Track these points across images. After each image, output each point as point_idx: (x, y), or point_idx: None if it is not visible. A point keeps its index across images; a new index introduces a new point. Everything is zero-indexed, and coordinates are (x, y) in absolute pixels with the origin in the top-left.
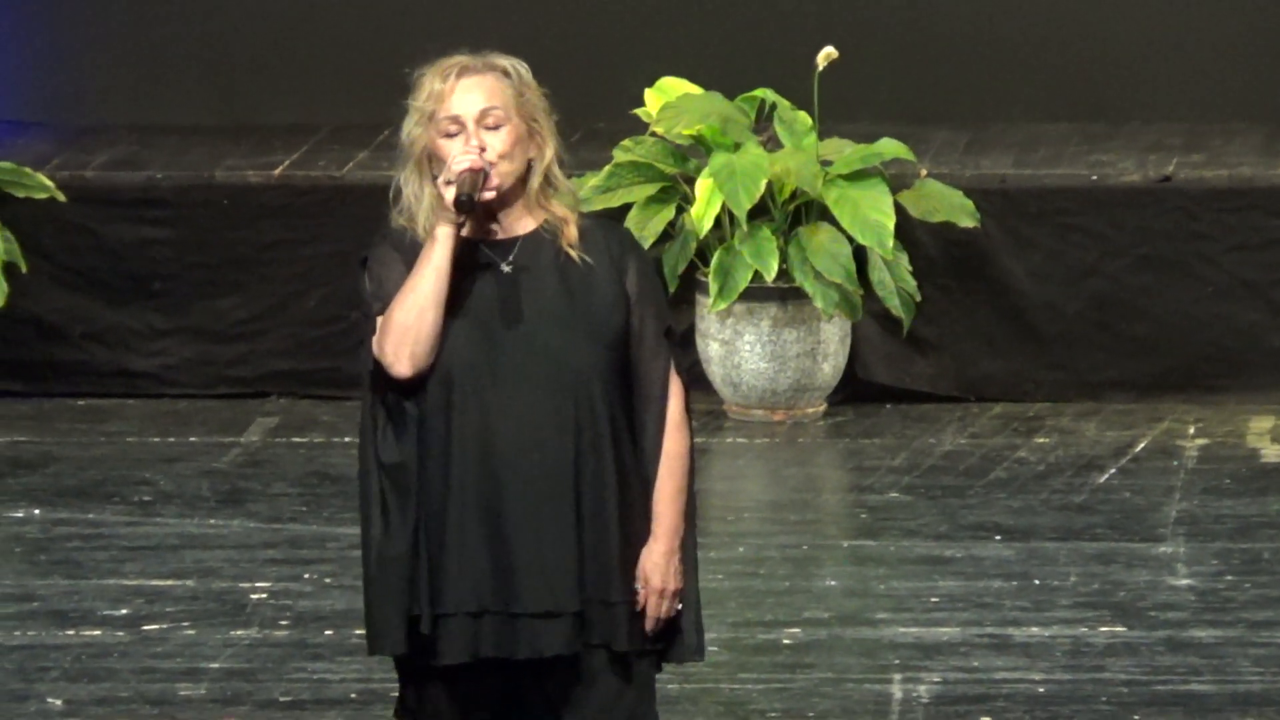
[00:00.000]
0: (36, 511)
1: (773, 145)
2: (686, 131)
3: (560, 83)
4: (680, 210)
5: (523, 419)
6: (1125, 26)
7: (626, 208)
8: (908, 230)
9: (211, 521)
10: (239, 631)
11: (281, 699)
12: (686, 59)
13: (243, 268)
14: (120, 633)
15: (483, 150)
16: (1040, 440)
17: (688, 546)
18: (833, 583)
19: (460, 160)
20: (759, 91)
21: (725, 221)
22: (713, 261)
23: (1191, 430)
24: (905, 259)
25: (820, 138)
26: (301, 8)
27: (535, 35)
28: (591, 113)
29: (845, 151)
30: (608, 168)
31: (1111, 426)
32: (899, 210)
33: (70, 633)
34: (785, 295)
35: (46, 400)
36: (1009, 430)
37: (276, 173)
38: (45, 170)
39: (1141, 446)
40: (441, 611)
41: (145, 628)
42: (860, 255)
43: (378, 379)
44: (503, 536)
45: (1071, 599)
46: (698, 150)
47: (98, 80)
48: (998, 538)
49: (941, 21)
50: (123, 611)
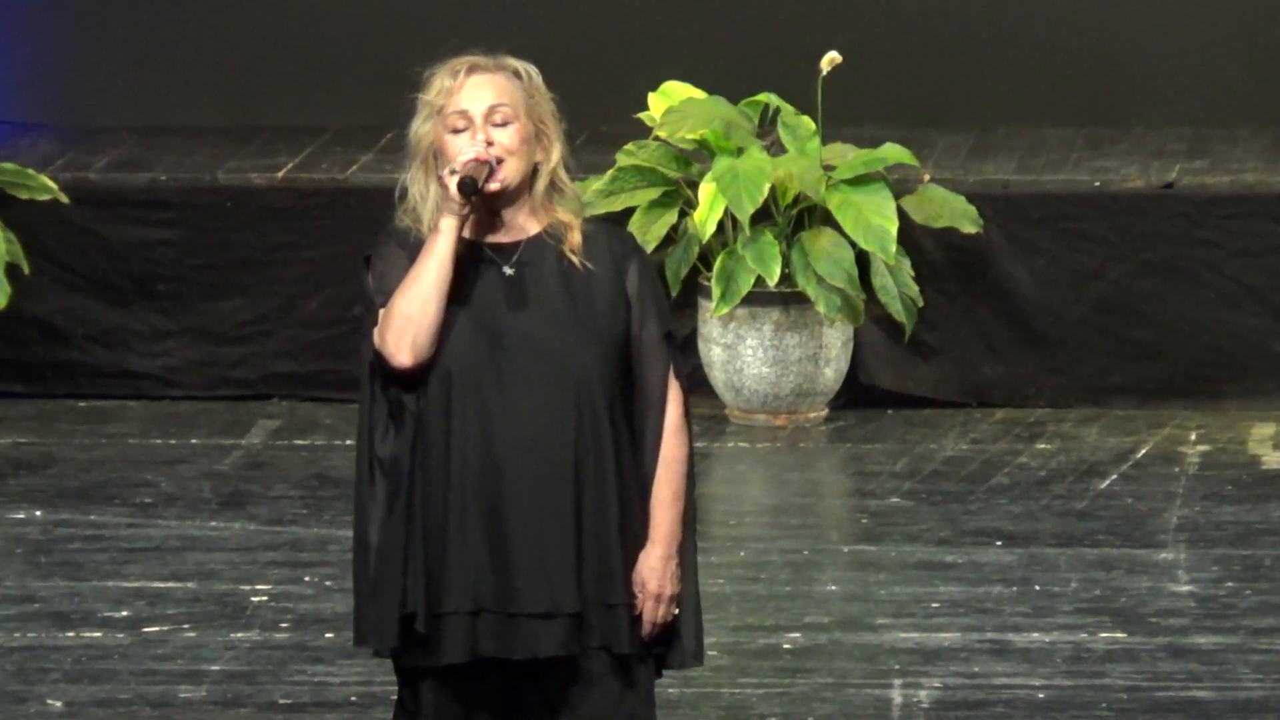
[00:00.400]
0: (38, 513)
1: (776, 150)
2: (690, 136)
3: (564, 86)
4: (683, 214)
5: (523, 421)
6: (1129, 32)
7: (629, 212)
8: (910, 235)
9: (213, 524)
10: (240, 634)
11: (282, 701)
12: (690, 63)
13: (246, 270)
14: (121, 634)
15: (490, 145)
16: (1042, 446)
17: (687, 551)
18: (833, 588)
19: (467, 151)
20: (762, 96)
21: (728, 226)
22: (715, 266)
23: (1193, 436)
24: (908, 264)
25: (823, 142)
26: (306, 10)
27: (539, 38)
28: (595, 116)
29: (848, 156)
30: (611, 171)
31: (1113, 432)
32: (902, 215)
33: (71, 634)
34: (788, 300)
35: (48, 401)
36: (1011, 436)
37: (280, 175)
38: (49, 172)
39: (1143, 452)
40: (440, 611)
41: (146, 630)
42: (863, 260)
43: (377, 371)
44: (502, 537)
45: (1072, 605)
46: (701, 154)
47: (101, 82)
48: (999, 543)
49: (945, 26)
50: (124, 613)
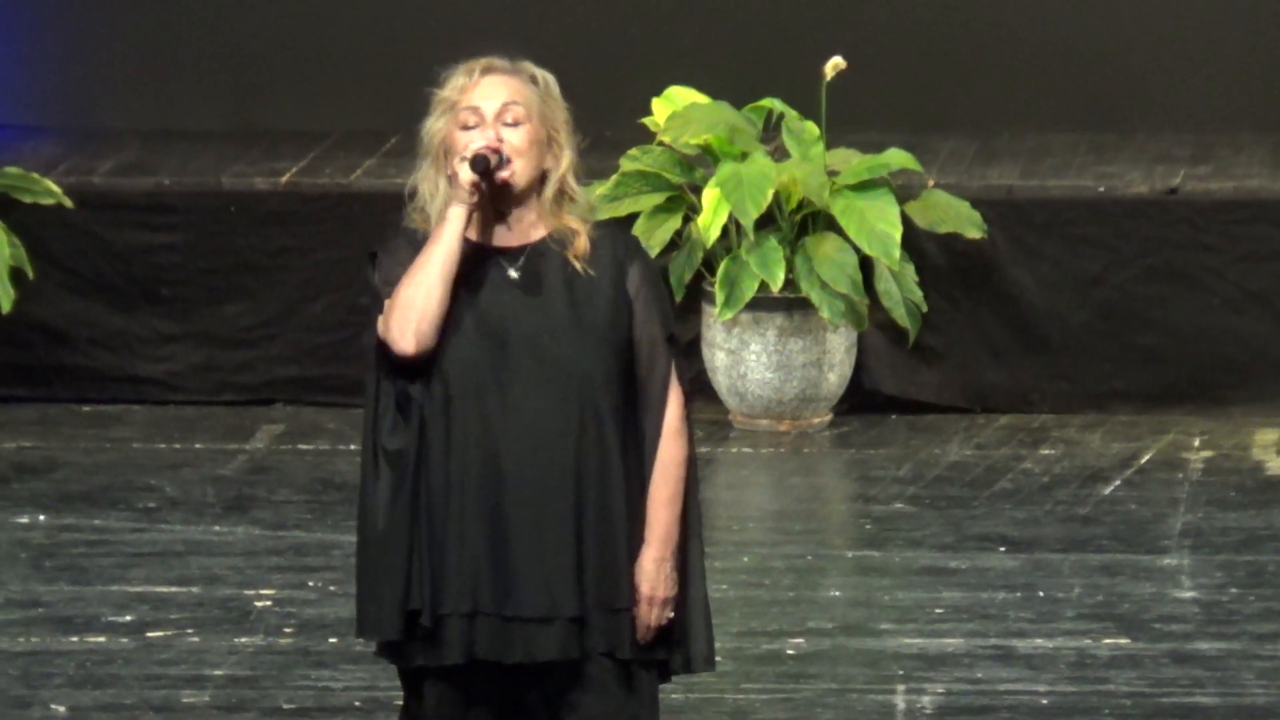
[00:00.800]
0: (42, 517)
1: (780, 155)
2: (694, 141)
3: (568, 91)
4: (687, 220)
5: (525, 424)
6: (1133, 37)
7: (633, 217)
8: (914, 240)
9: (217, 528)
10: (243, 639)
11: (285, 706)
12: (694, 68)
13: (250, 274)
14: (125, 639)
15: (500, 141)
16: (1045, 451)
17: (693, 555)
18: (837, 593)
19: (477, 140)
20: (766, 101)
21: (732, 231)
22: (719, 271)
23: (1197, 442)
24: (911, 269)
25: (827, 148)
26: (310, 14)
27: (544, 43)
28: (599, 121)
29: (852, 161)
30: (615, 177)
31: (1117, 438)
32: (906, 220)
33: (75, 639)
34: (791, 305)
35: (52, 405)
36: (1014, 441)
37: (284, 179)
38: (52, 176)
39: (1147, 458)
40: (439, 612)
41: (150, 634)
42: (866, 265)
43: (383, 362)
44: (502, 539)
45: (1076, 611)
46: (705, 160)
47: (105, 86)
48: (1002, 549)
49: (949, 32)
50: (127, 618)
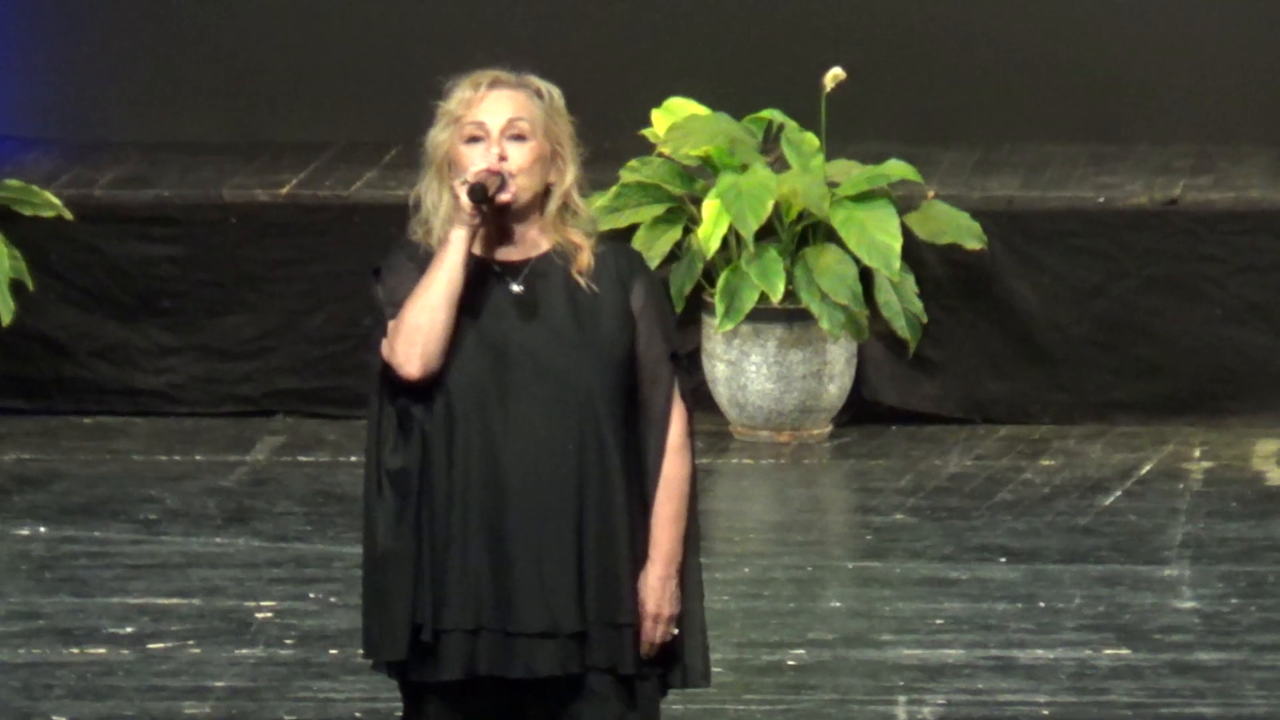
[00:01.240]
0: (42, 529)
1: (780, 166)
2: (694, 152)
3: (568, 103)
4: (687, 231)
5: (527, 439)
6: (1133, 49)
7: (633, 228)
8: (914, 252)
9: (217, 540)
10: (244, 650)
11: (286, 718)
12: (694, 79)
13: (250, 286)
14: (125, 651)
15: (503, 159)
16: (1046, 462)
17: (691, 570)
18: (837, 604)
19: (479, 162)
20: (766, 112)
21: (732, 242)
22: (719, 282)
23: (1197, 453)
24: (912, 280)
25: (827, 159)
26: (310, 27)
27: (543, 55)
28: (598, 133)
29: (852, 173)
30: (615, 188)
31: (1117, 449)
32: (906, 232)
33: (75, 651)
34: (791, 316)
35: (53, 418)
36: (1014, 452)
37: (284, 191)
38: (53, 188)
39: (1147, 469)
40: (440, 627)
41: (150, 646)
42: (867, 276)
43: (385, 382)
44: (504, 555)
45: (1076, 621)
46: (705, 171)
47: (105, 98)
48: (1003, 560)
49: (949, 43)
50: (128, 629)
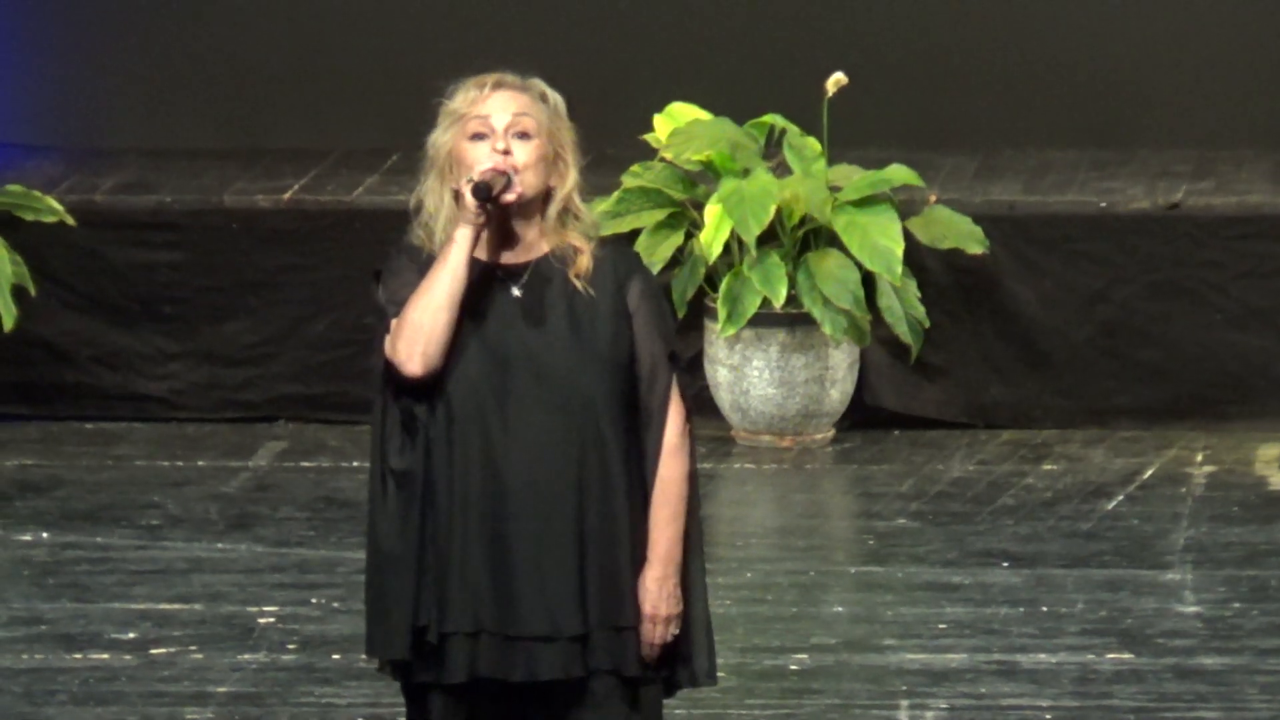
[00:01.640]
0: (44, 535)
1: (782, 171)
2: (696, 157)
3: (570, 108)
4: (689, 236)
5: (527, 442)
6: (1135, 53)
7: (636, 233)
8: (916, 256)
9: (219, 545)
10: (246, 655)
11: None
12: (696, 84)
13: (252, 292)
14: (128, 656)
15: (507, 153)
16: (1048, 467)
17: (694, 572)
18: (840, 609)
19: (485, 161)
20: (768, 117)
21: (734, 247)
22: (721, 287)
23: (1199, 457)
24: (914, 285)
25: (829, 164)
26: (311, 33)
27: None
28: (601, 138)
29: (854, 178)
30: (617, 193)
31: (1119, 453)
32: (908, 236)
33: (78, 656)
34: (794, 321)
35: (55, 423)
36: (1017, 457)
37: (286, 197)
38: (55, 194)
39: (1149, 473)
40: (442, 630)
41: (153, 651)
42: (869, 281)
43: (388, 381)
44: (504, 558)
45: (1079, 626)
46: (707, 176)
47: (107, 104)
48: (1005, 564)
49: (951, 48)
50: (130, 635)
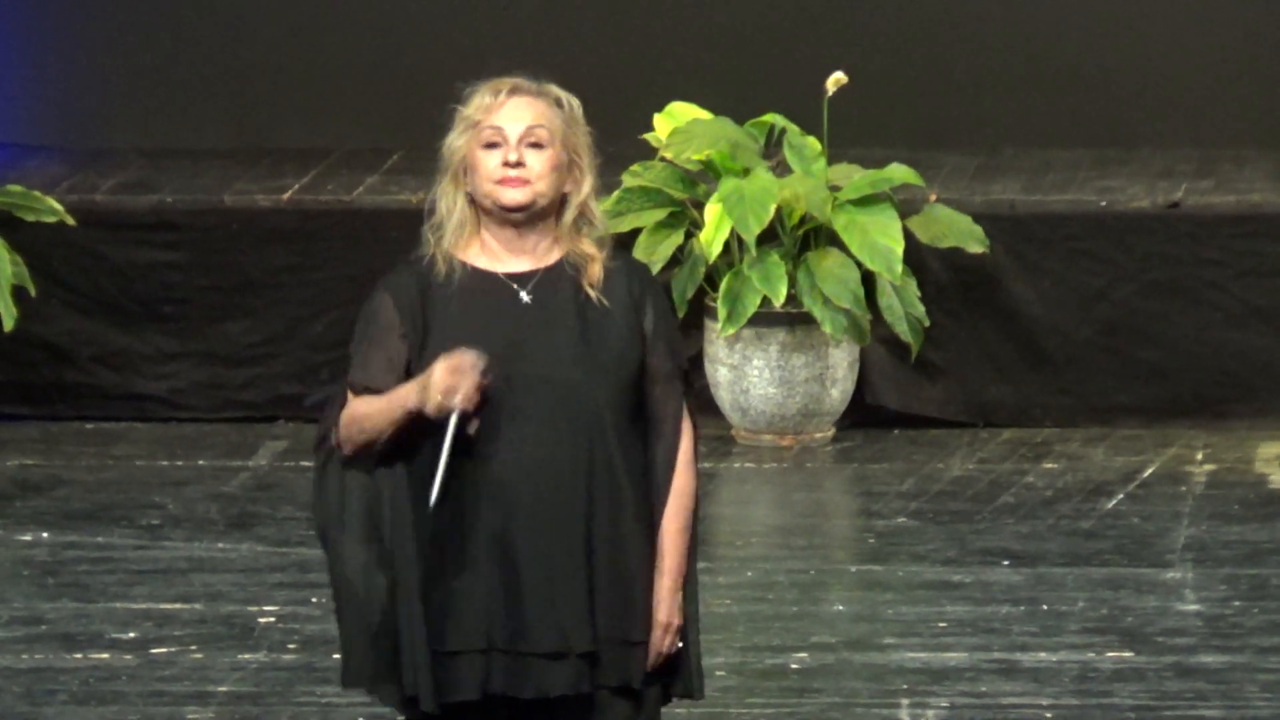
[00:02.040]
0: (45, 535)
1: (782, 170)
2: (696, 156)
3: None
4: (689, 235)
5: (535, 457)
6: (1135, 53)
7: (635, 233)
8: (916, 255)
9: (220, 545)
10: (247, 655)
11: None
12: (696, 84)
13: (252, 291)
14: (128, 656)
15: (519, 164)
16: (1049, 465)
17: (690, 580)
18: (841, 608)
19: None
20: (768, 116)
21: (734, 246)
22: (721, 286)
23: (1200, 456)
24: (914, 284)
25: (829, 163)
26: (312, 32)
27: (545, 60)
28: (600, 137)
29: (854, 177)
30: (616, 193)
31: (1120, 452)
32: (908, 235)
33: (78, 656)
34: (794, 320)
35: (55, 423)
36: (1017, 455)
37: (286, 197)
38: (55, 194)
39: (1150, 472)
40: (451, 649)
41: (153, 651)
42: (869, 280)
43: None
44: (513, 574)
45: (1079, 624)
46: (707, 175)
47: (107, 104)
48: (1006, 563)
49: (951, 47)
50: (131, 635)
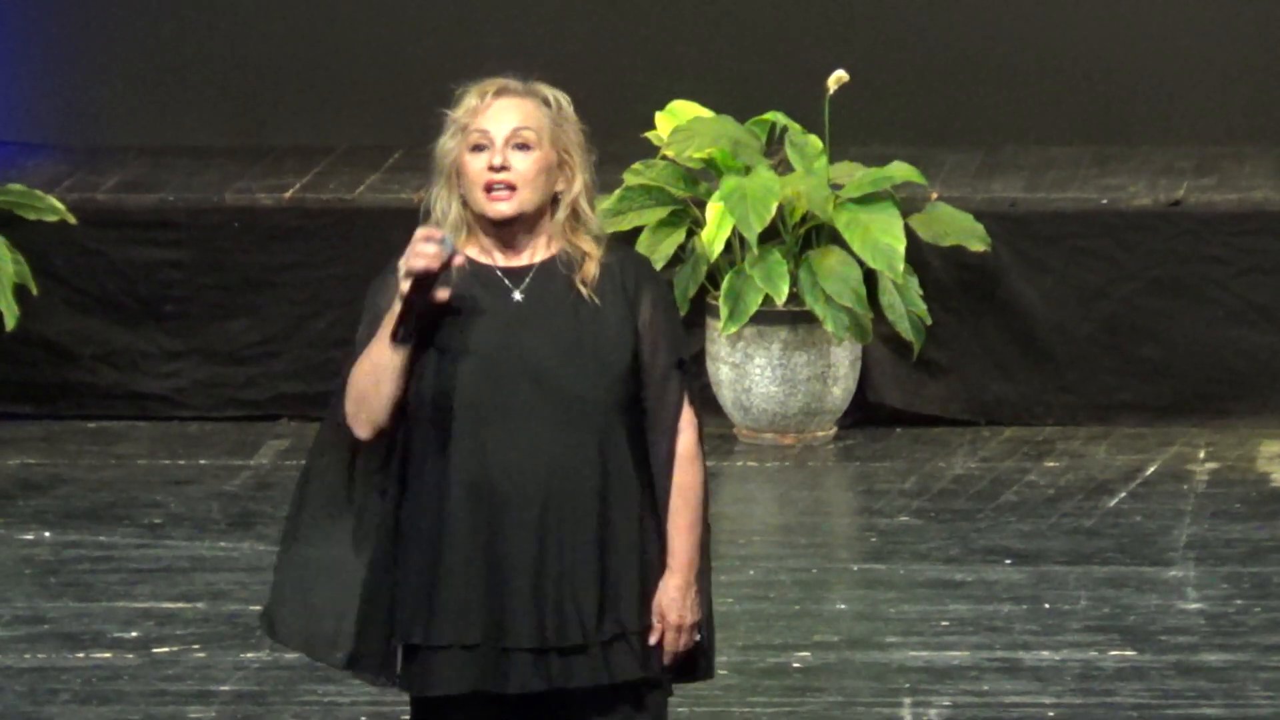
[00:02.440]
0: (47, 534)
1: (783, 168)
2: (697, 155)
3: (572, 105)
4: (691, 233)
5: (525, 453)
6: (1136, 50)
7: (637, 231)
8: (918, 254)
9: (222, 544)
10: (249, 654)
11: None
12: (697, 82)
13: (254, 290)
14: (130, 655)
15: (504, 169)
16: (1051, 464)
17: (703, 575)
18: (843, 606)
19: (475, 169)
20: (770, 115)
21: (736, 245)
22: (723, 285)
23: (1202, 454)
24: (916, 282)
25: (831, 161)
26: (313, 30)
27: (547, 58)
28: (602, 136)
29: (856, 175)
30: (618, 191)
31: (1122, 450)
32: (909, 234)
33: (80, 655)
34: (796, 319)
35: (57, 422)
36: (1019, 454)
37: (288, 195)
38: (56, 192)
39: (1152, 470)
40: (438, 643)
41: (155, 650)
42: (871, 279)
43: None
44: (499, 569)
45: (1081, 623)
46: (708, 173)
47: (109, 102)
48: (1008, 561)
49: (952, 45)
50: (133, 634)
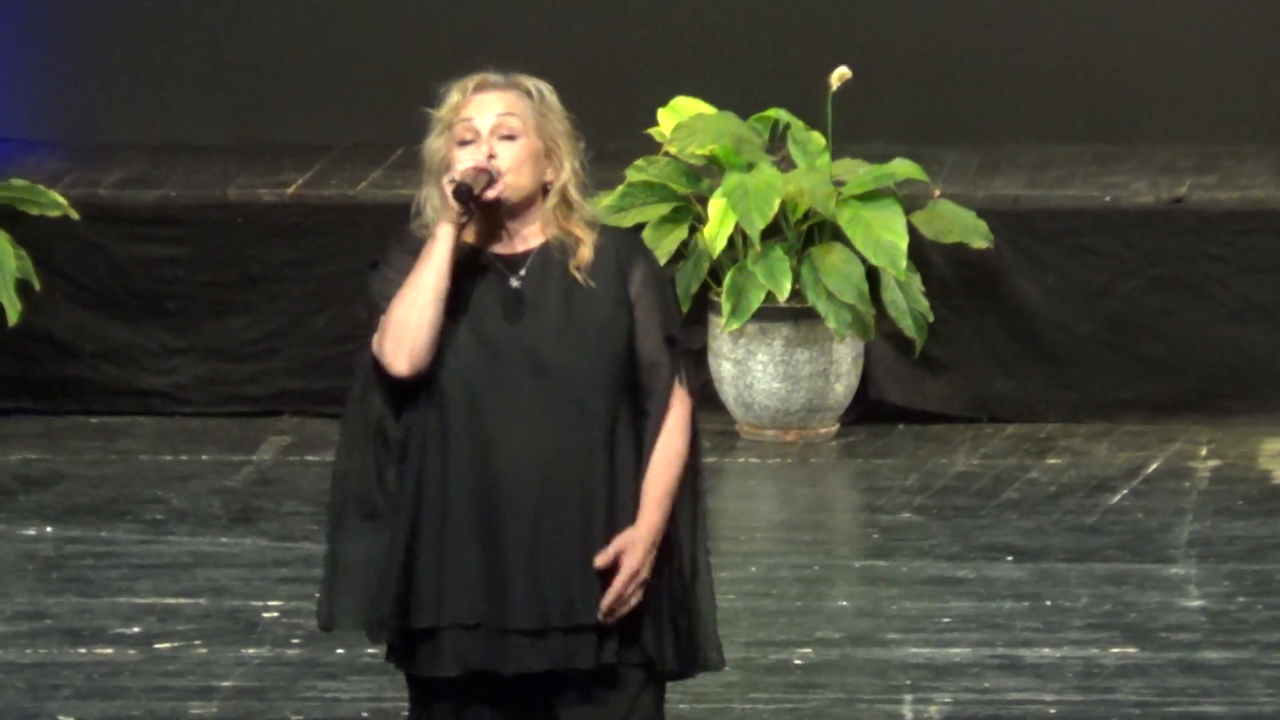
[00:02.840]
0: (48, 529)
1: (786, 165)
2: (700, 151)
3: (573, 102)
4: (693, 230)
5: (521, 435)
6: (1138, 48)
7: (639, 227)
8: (920, 251)
9: (223, 540)
10: (251, 650)
11: (293, 718)
12: (700, 79)
13: (255, 286)
14: (132, 651)
15: (492, 157)
16: (1052, 461)
17: (701, 564)
18: (844, 603)
19: (467, 160)
20: (772, 111)
21: (738, 241)
22: (725, 281)
23: (1203, 451)
24: (918, 279)
25: (833, 158)
26: (315, 27)
27: (548, 55)
28: (604, 132)
29: (858, 172)
30: (621, 187)
31: (1124, 447)
32: (912, 231)
33: (82, 651)
34: (798, 315)
35: (58, 418)
36: (1021, 451)
37: (289, 191)
38: (58, 188)
39: (1153, 468)
40: (436, 624)
41: (157, 646)
42: (873, 276)
43: (376, 378)
44: (498, 552)
45: (1083, 620)
46: (711, 170)
47: (111, 99)
48: (1009, 558)
49: (955, 43)
50: (135, 630)
